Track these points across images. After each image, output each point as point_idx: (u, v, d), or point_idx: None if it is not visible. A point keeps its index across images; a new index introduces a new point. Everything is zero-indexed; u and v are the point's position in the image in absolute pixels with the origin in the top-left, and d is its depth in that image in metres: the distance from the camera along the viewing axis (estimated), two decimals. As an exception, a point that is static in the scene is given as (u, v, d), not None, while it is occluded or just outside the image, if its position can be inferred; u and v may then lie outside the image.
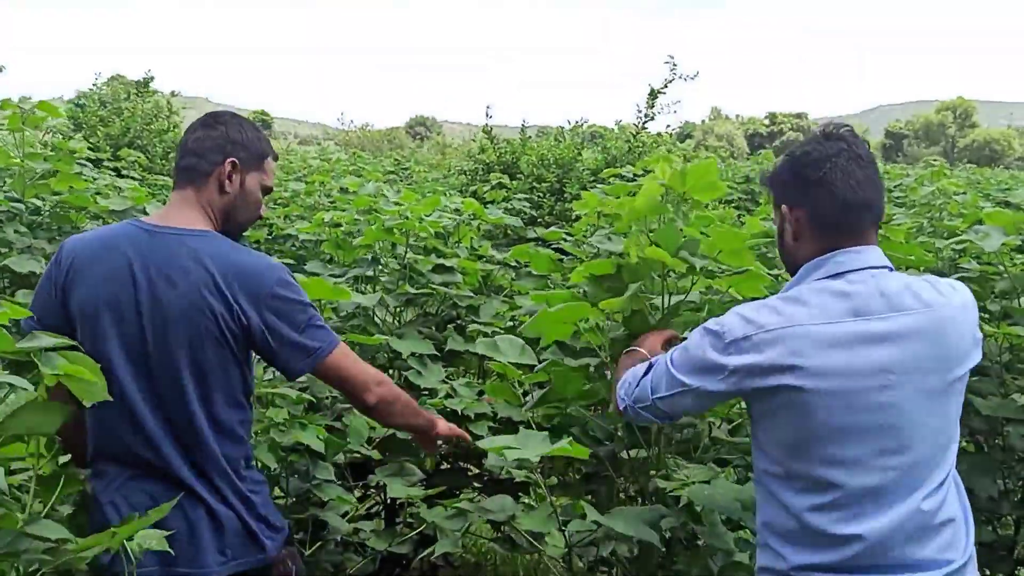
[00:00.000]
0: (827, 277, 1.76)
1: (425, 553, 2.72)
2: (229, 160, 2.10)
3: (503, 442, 2.11)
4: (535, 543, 2.24)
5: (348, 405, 2.94)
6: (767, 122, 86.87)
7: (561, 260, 3.68)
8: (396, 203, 3.72)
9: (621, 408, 1.95)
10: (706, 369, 1.76)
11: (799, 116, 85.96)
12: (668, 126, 10.13)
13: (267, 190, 2.21)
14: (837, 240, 1.77)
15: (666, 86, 9.03)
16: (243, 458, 2.06)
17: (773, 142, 77.27)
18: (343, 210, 4.24)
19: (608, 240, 3.31)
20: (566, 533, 2.24)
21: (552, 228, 4.11)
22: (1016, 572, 3.10)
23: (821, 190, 1.76)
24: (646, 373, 1.91)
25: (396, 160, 17.09)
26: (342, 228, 4.01)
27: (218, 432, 1.99)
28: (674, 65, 8.95)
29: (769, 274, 2.44)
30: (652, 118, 9.19)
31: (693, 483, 2.01)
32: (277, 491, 2.79)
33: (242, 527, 2.01)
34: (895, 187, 9.11)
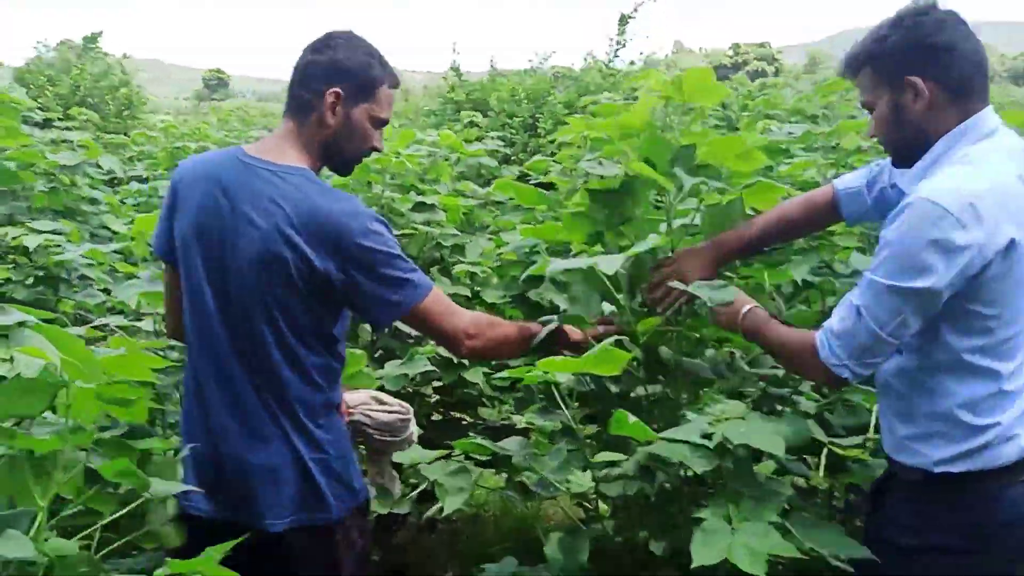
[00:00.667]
0: (979, 140, 1.71)
1: (431, 512, 2.53)
2: (331, 91, 1.92)
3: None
4: (556, 485, 2.02)
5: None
6: (731, 53, 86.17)
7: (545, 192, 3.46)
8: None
9: (843, 378, 1.76)
10: (940, 258, 1.61)
11: (762, 46, 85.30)
12: (641, 52, 9.89)
13: (380, 122, 2.01)
14: (972, 103, 1.73)
15: (636, 10, 8.79)
16: (321, 405, 1.94)
17: (738, 73, 76.77)
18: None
19: (599, 165, 3.08)
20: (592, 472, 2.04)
21: (538, 158, 3.86)
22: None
23: (954, 53, 1.71)
24: (839, 321, 1.73)
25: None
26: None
27: (295, 373, 1.90)
28: None
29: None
30: (624, 45, 8.96)
31: (727, 419, 1.81)
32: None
33: (306, 478, 1.90)
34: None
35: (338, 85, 1.93)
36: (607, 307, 2.46)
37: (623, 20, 8.97)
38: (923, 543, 1.75)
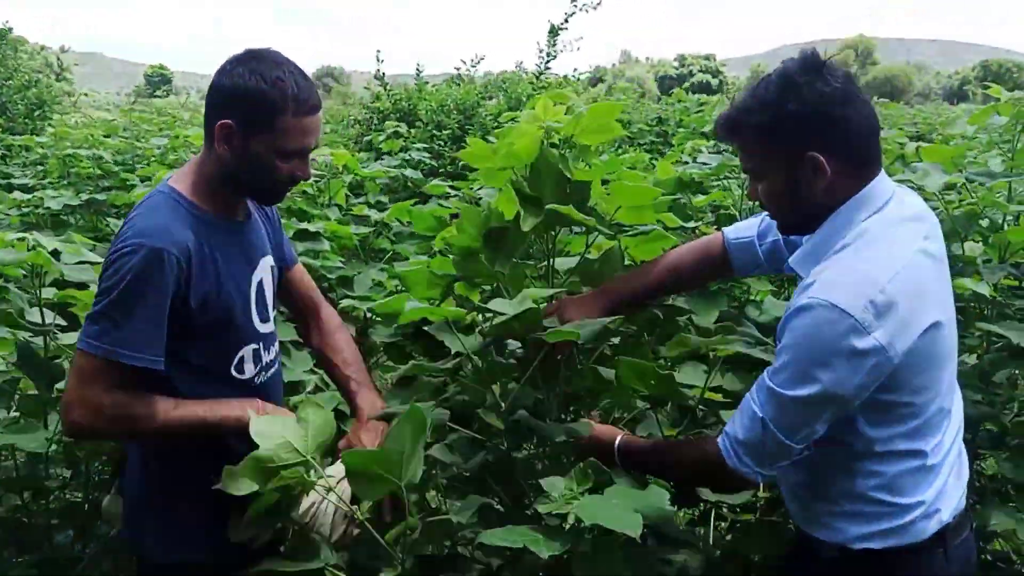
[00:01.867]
0: (876, 211, 1.59)
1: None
2: (221, 123, 1.74)
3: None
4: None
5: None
6: (677, 64, 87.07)
7: (450, 218, 3.21)
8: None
9: (749, 480, 1.65)
10: (843, 365, 1.48)
11: (707, 58, 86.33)
12: (575, 69, 9.69)
13: (293, 153, 1.79)
14: (869, 170, 1.61)
15: (567, 20, 8.62)
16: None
17: (683, 83, 77.71)
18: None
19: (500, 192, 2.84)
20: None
21: (435, 182, 3.59)
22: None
23: (854, 124, 1.57)
24: (744, 431, 1.60)
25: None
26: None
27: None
28: None
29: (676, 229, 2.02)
30: (554, 56, 8.77)
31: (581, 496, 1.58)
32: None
33: None
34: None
35: (230, 116, 1.74)
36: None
37: (553, 31, 8.79)
38: None
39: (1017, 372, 2.66)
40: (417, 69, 9.00)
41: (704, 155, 3.28)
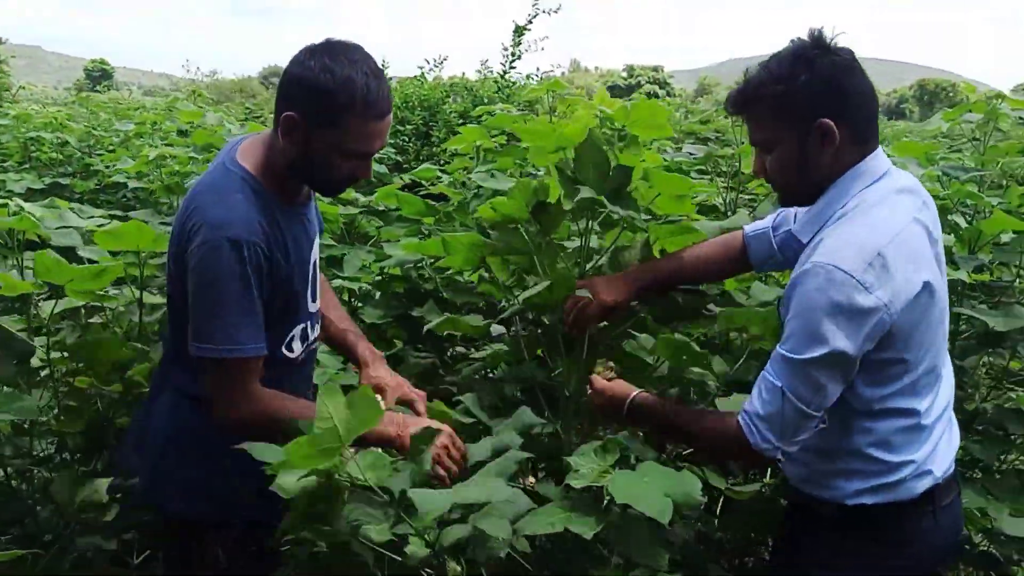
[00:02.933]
0: (874, 182, 1.68)
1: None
2: (287, 114, 1.73)
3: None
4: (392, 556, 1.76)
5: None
6: (625, 75, 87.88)
7: (434, 204, 3.23)
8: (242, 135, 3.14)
9: (771, 458, 1.69)
10: (848, 324, 1.56)
11: (656, 69, 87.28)
12: (538, 68, 9.77)
13: (357, 154, 1.78)
14: (869, 144, 1.71)
15: (531, 21, 8.71)
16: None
17: (631, 94, 78.27)
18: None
19: (491, 178, 2.88)
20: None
21: (426, 166, 3.61)
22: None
23: (856, 96, 1.67)
24: (764, 405, 1.64)
25: (248, 109, 16.03)
26: (175, 168, 3.39)
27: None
28: None
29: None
30: (519, 56, 8.84)
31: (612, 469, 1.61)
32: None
33: None
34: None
35: (295, 108, 1.72)
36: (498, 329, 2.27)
37: (518, 31, 8.87)
38: None
39: (988, 358, 2.78)
40: (383, 64, 8.99)
41: (688, 146, 3.35)
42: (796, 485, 1.84)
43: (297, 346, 1.94)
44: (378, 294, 3.05)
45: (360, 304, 2.97)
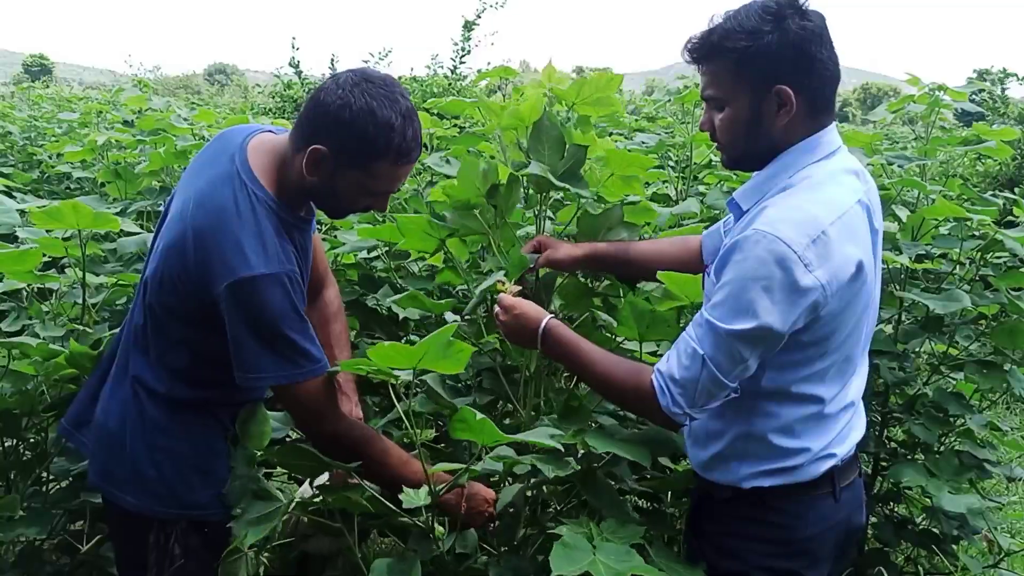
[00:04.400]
0: (823, 158, 1.62)
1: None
2: (314, 147, 1.66)
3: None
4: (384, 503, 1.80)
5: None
6: (575, 76, 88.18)
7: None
8: (189, 122, 3.10)
9: (678, 423, 1.63)
10: (783, 299, 1.49)
11: (604, 70, 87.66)
12: (488, 63, 9.77)
13: (377, 195, 1.76)
14: (824, 117, 1.64)
15: (479, 16, 8.71)
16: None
17: (580, 95, 78.47)
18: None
19: (447, 163, 2.88)
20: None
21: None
22: (876, 509, 2.99)
23: (821, 67, 1.59)
24: (681, 369, 1.58)
25: (193, 104, 15.79)
26: (123, 153, 3.33)
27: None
28: None
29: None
30: (468, 52, 8.84)
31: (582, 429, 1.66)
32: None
33: None
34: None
35: (328, 143, 1.66)
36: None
37: (467, 26, 8.86)
38: (743, 567, 1.71)
39: (929, 344, 2.87)
40: (332, 58, 8.94)
41: (640, 136, 3.39)
42: (696, 469, 1.80)
43: None
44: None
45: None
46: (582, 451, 1.66)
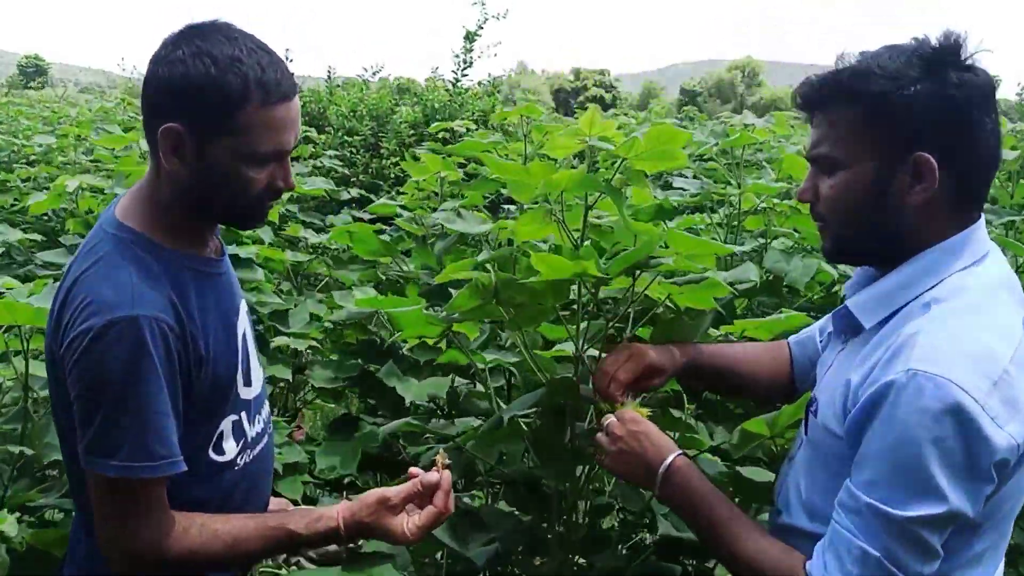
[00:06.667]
0: (974, 263, 1.23)
1: None
2: (165, 127, 1.30)
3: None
4: None
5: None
6: (572, 78, 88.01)
7: (392, 236, 2.87)
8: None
9: None
10: (974, 470, 1.10)
11: (602, 73, 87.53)
12: (489, 74, 9.41)
13: (265, 156, 1.34)
14: (973, 209, 1.26)
15: (480, 27, 8.38)
16: None
17: (578, 97, 78.66)
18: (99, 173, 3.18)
19: (459, 217, 2.52)
20: None
21: (383, 201, 3.21)
22: None
23: (981, 138, 1.20)
24: (839, 566, 1.15)
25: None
26: (99, 199, 2.95)
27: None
28: (483, 4, 8.35)
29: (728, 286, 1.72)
30: (471, 64, 8.50)
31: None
32: None
33: None
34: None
35: (175, 117, 1.30)
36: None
37: (469, 37, 8.53)
38: None
39: None
40: (328, 71, 8.56)
41: (680, 180, 3.04)
42: None
43: (230, 446, 1.47)
44: (330, 347, 2.68)
45: (307, 366, 2.58)
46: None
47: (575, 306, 1.61)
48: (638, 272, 1.59)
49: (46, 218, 4.31)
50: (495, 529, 1.66)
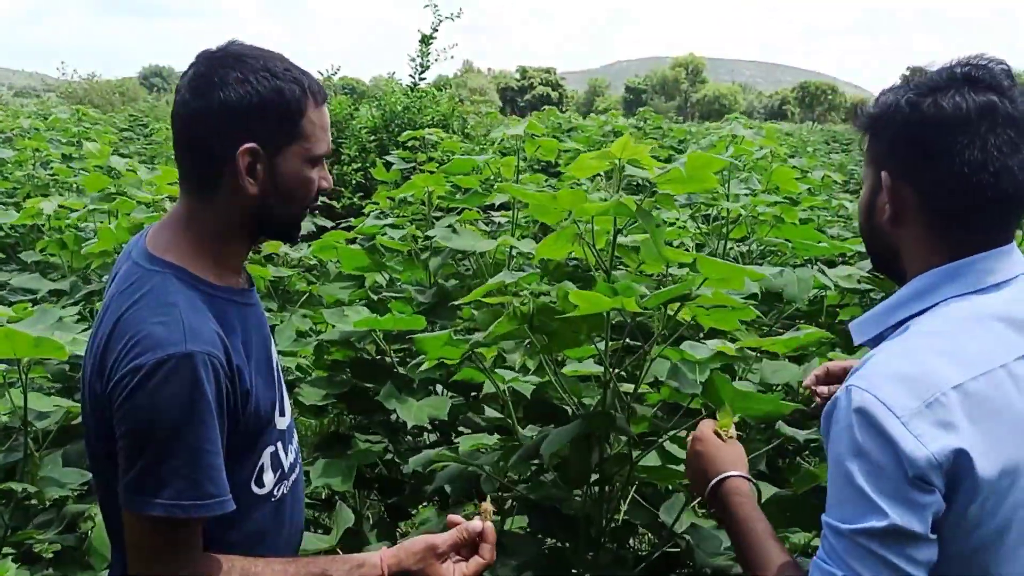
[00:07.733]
0: (977, 292, 1.19)
1: None
2: (244, 148, 1.31)
3: None
4: None
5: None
6: (518, 76, 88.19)
7: (377, 251, 2.82)
8: (149, 183, 2.64)
9: None
10: (894, 485, 1.08)
11: (548, 71, 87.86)
12: (438, 75, 9.41)
13: (319, 158, 1.40)
14: (972, 237, 1.20)
15: (436, 29, 8.36)
16: None
17: (525, 96, 78.90)
18: (68, 190, 3.08)
19: (454, 235, 2.48)
20: None
21: (371, 222, 3.15)
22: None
23: (952, 166, 1.16)
24: None
25: (132, 116, 15.10)
26: (70, 220, 2.84)
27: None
28: (436, 6, 8.33)
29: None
30: (427, 67, 8.48)
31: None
32: None
33: None
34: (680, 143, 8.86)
35: (251, 137, 1.32)
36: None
37: (425, 40, 8.50)
38: None
39: None
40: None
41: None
42: None
43: (268, 478, 1.44)
44: (313, 364, 2.62)
45: (297, 384, 2.52)
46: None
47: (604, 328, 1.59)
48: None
49: (2, 234, 4.17)
50: (520, 555, 1.64)
